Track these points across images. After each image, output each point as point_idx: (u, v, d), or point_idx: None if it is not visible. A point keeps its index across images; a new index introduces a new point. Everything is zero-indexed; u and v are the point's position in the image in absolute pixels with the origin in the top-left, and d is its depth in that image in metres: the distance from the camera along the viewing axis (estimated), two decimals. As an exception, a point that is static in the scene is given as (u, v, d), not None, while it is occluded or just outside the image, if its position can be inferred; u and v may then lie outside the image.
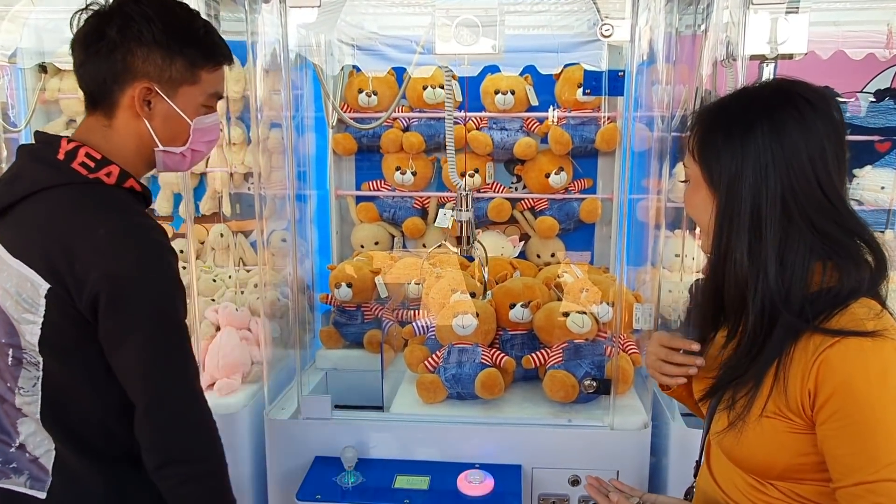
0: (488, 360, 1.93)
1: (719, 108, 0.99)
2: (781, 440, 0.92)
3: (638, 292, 2.09)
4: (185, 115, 1.11)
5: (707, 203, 0.98)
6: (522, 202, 2.50)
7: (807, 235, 0.91)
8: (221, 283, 2.22)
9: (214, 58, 1.13)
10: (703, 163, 0.97)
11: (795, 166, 0.91)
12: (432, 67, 2.31)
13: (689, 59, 1.87)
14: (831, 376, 0.86)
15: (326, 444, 1.80)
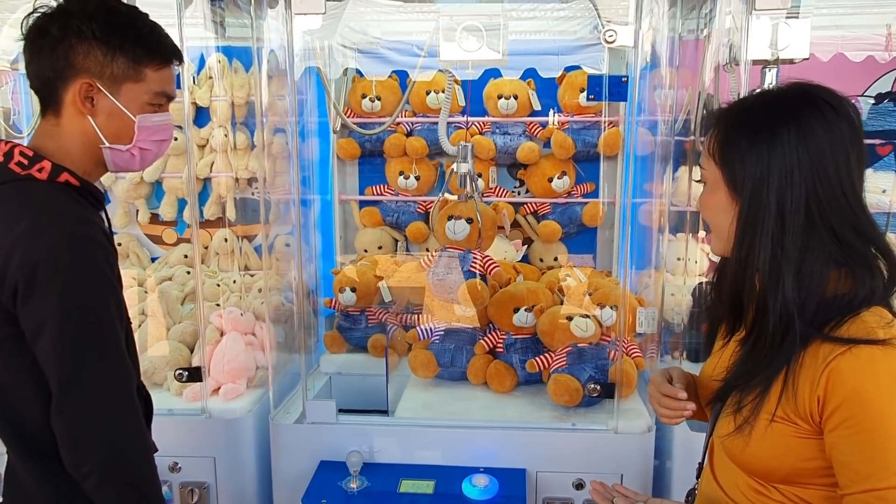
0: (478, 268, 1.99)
1: (742, 110, 0.97)
2: (788, 444, 0.92)
3: (641, 296, 2.10)
4: (129, 112, 1.10)
5: (726, 206, 0.96)
6: (525, 206, 2.51)
7: (827, 242, 0.90)
8: (226, 287, 2.23)
9: (159, 56, 1.12)
10: (724, 165, 0.95)
11: (821, 171, 0.90)
12: (433, 71, 2.32)
13: (692, 63, 1.88)
14: (841, 385, 0.86)
15: (331, 448, 1.81)
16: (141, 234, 2.51)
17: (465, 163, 1.91)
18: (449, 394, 2.05)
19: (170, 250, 2.48)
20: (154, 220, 2.48)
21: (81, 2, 1.08)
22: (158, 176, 2.40)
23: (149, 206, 2.47)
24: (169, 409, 1.88)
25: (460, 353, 2.09)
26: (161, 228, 2.49)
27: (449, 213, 1.99)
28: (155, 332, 2.09)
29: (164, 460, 1.84)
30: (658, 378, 1.13)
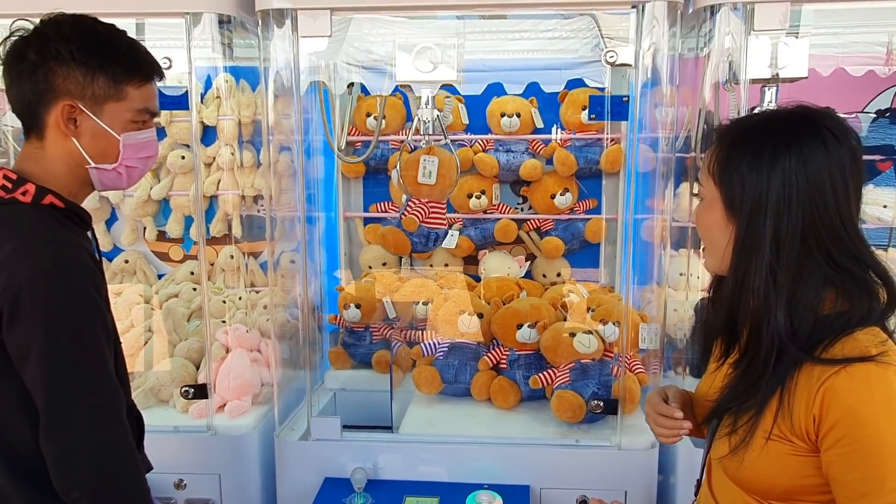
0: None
1: (745, 130, 0.98)
2: (785, 463, 0.93)
3: (643, 312, 2.11)
4: (113, 131, 1.10)
5: (720, 224, 0.97)
6: (528, 223, 2.52)
7: (823, 267, 0.91)
8: (232, 304, 2.24)
9: (139, 73, 1.12)
10: (724, 185, 0.96)
11: (818, 198, 0.91)
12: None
13: (692, 81, 1.90)
14: (837, 404, 0.87)
15: (336, 465, 1.81)
16: (148, 251, 2.54)
17: (427, 109, 1.87)
18: (453, 410, 2.06)
19: (176, 267, 2.50)
20: (161, 237, 2.50)
21: (57, 23, 1.08)
22: (166, 194, 2.42)
23: (156, 223, 2.50)
24: (175, 426, 1.89)
25: (464, 369, 2.10)
26: (168, 245, 2.52)
27: (424, 153, 1.94)
28: (161, 349, 2.11)
29: (169, 477, 1.85)
30: (654, 397, 1.14)
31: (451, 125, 2.42)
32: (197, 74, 1.72)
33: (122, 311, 2.24)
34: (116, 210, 2.50)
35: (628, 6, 1.64)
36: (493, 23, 2.10)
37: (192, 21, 1.69)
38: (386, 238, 1.91)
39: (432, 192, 1.96)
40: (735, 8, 1.66)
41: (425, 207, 1.94)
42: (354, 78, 2.29)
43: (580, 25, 2.05)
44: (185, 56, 1.69)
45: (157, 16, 1.71)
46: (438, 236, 1.98)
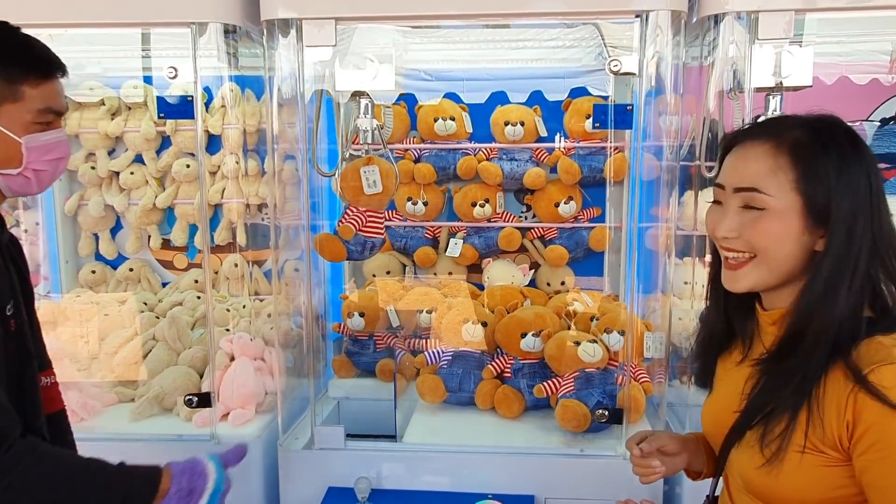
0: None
1: (818, 132, 0.92)
2: (818, 475, 0.90)
3: (648, 321, 2.10)
4: (13, 134, 1.06)
5: (794, 237, 0.92)
6: (532, 231, 2.52)
7: (877, 274, 0.91)
8: (235, 312, 2.25)
9: (36, 71, 1.07)
10: (811, 197, 0.90)
11: (881, 206, 0.91)
12: (440, 95, 2.36)
13: (696, 90, 1.90)
14: (869, 407, 0.85)
15: (340, 474, 1.80)
16: (152, 259, 2.54)
17: (366, 118, 1.87)
18: (457, 419, 2.05)
19: (180, 275, 2.51)
20: (165, 245, 2.51)
21: None
22: (170, 202, 2.43)
23: (160, 231, 2.50)
24: (178, 434, 1.89)
25: (468, 377, 2.09)
26: (172, 254, 2.52)
27: (364, 163, 1.94)
28: (165, 358, 2.11)
29: (172, 486, 1.84)
30: (629, 440, 1.18)
31: (456, 134, 2.43)
32: (202, 83, 1.73)
33: (126, 319, 2.24)
34: (121, 218, 2.51)
35: (632, 15, 1.64)
36: (496, 32, 2.11)
37: (198, 31, 1.70)
38: (322, 245, 1.93)
39: (371, 201, 1.96)
40: (739, 17, 1.66)
41: (363, 216, 1.96)
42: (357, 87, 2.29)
43: (583, 34, 2.06)
44: (190, 65, 1.70)
45: (162, 25, 1.73)
46: (375, 244, 2.00)
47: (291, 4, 1.64)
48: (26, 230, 2.41)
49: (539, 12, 1.67)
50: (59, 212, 2.45)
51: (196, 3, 1.67)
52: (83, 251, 2.50)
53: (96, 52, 2.32)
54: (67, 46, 2.19)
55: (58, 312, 2.25)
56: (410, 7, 1.65)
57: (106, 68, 2.38)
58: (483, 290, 2.40)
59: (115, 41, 2.15)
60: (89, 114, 2.40)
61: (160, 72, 2.31)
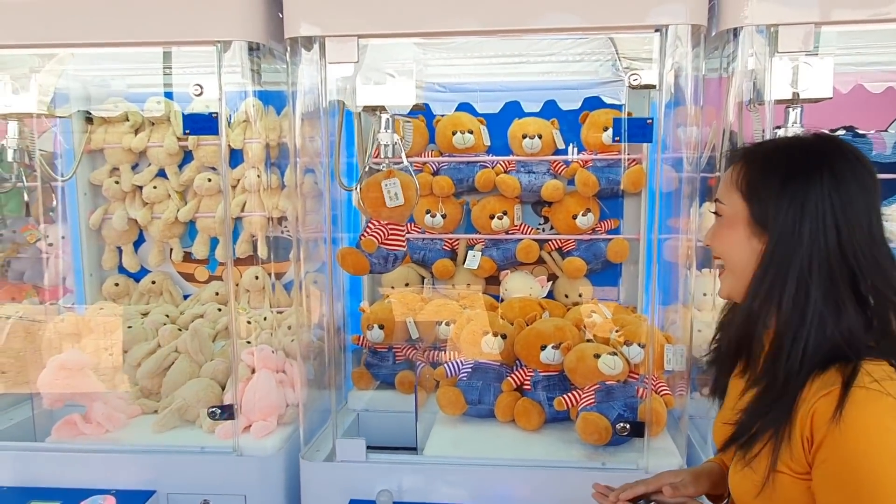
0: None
1: (775, 150, 1.00)
2: (791, 497, 0.92)
3: (668, 332, 2.09)
4: None
5: (743, 243, 0.98)
6: (550, 243, 2.53)
7: (849, 287, 0.92)
8: (256, 325, 2.27)
9: None
10: (753, 202, 0.96)
11: (851, 219, 0.92)
12: (454, 106, 2.39)
13: (715, 101, 1.90)
14: (822, 425, 0.87)
15: (361, 486, 1.80)
16: (174, 271, 2.57)
17: (387, 133, 1.89)
18: (477, 431, 2.05)
19: (201, 288, 2.53)
20: (187, 258, 2.54)
21: None
22: (192, 216, 2.47)
23: (182, 244, 2.54)
24: (201, 446, 1.90)
25: (487, 390, 2.09)
26: (193, 266, 2.55)
27: (385, 177, 1.95)
28: (188, 370, 2.13)
29: (194, 498, 1.85)
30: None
31: (474, 147, 2.44)
32: (227, 99, 1.76)
33: (149, 332, 2.27)
34: (144, 232, 2.55)
35: (651, 29, 1.65)
36: (509, 43, 2.13)
37: (223, 49, 1.73)
38: (345, 258, 1.95)
39: (393, 215, 1.98)
40: (759, 30, 1.67)
41: (385, 229, 1.98)
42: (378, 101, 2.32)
43: (596, 46, 2.07)
44: (215, 81, 1.73)
45: (189, 44, 1.76)
46: (397, 257, 2.02)
47: (315, 22, 1.67)
48: (51, 244, 2.45)
49: (558, 27, 1.68)
50: (83, 225, 2.50)
51: (222, 23, 1.71)
52: (107, 264, 2.54)
53: (120, 70, 2.38)
54: (90, 64, 2.26)
55: (82, 324, 2.28)
56: (431, 24, 1.67)
57: (129, 85, 2.44)
58: (501, 302, 2.41)
59: (138, 58, 2.19)
60: (114, 129, 2.44)
61: (182, 88, 2.37)
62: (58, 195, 2.41)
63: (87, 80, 2.36)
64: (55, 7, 1.74)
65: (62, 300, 2.46)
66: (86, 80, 2.36)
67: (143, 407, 2.13)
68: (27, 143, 2.10)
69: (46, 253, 2.45)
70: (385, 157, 1.89)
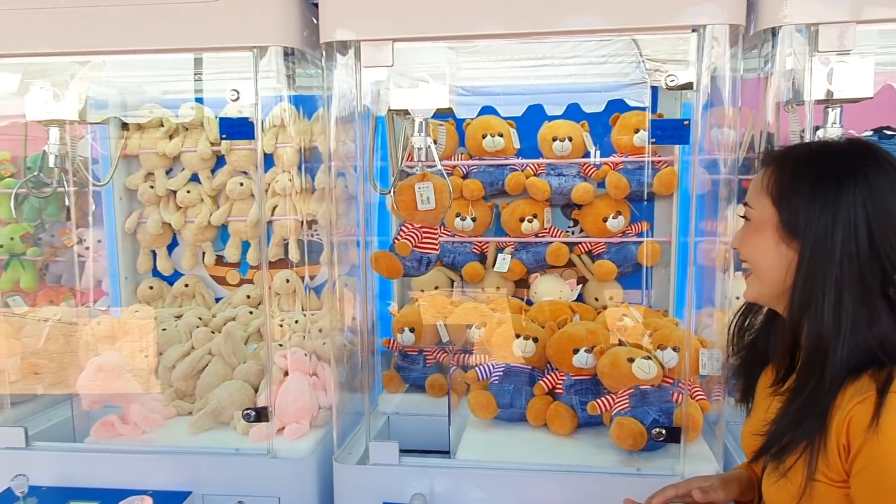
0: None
1: (808, 154, 0.98)
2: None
3: (702, 336, 2.06)
4: None
5: (771, 248, 0.97)
6: (579, 246, 2.51)
7: (881, 292, 0.91)
8: (287, 328, 2.28)
9: None
10: (783, 208, 0.96)
11: (885, 225, 0.91)
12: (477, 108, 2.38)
13: (752, 102, 1.88)
14: (859, 433, 0.86)
15: (394, 490, 1.81)
16: (206, 275, 2.61)
17: (420, 136, 1.89)
18: (509, 435, 2.04)
19: (233, 291, 2.56)
20: (219, 261, 2.57)
21: None
22: (224, 219, 2.50)
23: (214, 248, 2.57)
24: (236, 448, 1.92)
25: (519, 394, 2.08)
26: (225, 270, 2.58)
27: (418, 180, 1.96)
28: (221, 372, 2.15)
29: (229, 499, 1.87)
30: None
31: (504, 150, 2.44)
32: (263, 104, 1.78)
33: (183, 334, 2.30)
34: (178, 235, 2.58)
35: (688, 29, 1.64)
36: (532, 46, 2.12)
37: (259, 54, 1.75)
38: (379, 261, 1.95)
39: (426, 218, 1.98)
40: (798, 29, 1.64)
41: (418, 232, 1.99)
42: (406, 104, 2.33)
43: (619, 48, 2.06)
44: (252, 86, 1.75)
45: (226, 50, 1.78)
46: (430, 260, 2.02)
47: (350, 27, 1.68)
48: (88, 247, 2.50)
49: (593, 29, 1.68)
50: (119, 229, 2.54)
51: (259, 29, 1.73)
52: (141, 267, 2.58)
53: (155, 76, 2.42)
54: (125, 71, 2.30)
55: (117, 327, 2.32)
56: (466, 27, 1.67)
57: (164, 91, 2.48)
58: (531, 305, 2.40)
59: (172, 65, 2.23)
60: (148, 135, 2.48)
61: (214, 94, 2.40)
62: (95, 200, 2.45)
63: (123, 86, 2.41)
64: (95, 15, 1.77)
65: (98, 303, 2.50)
66: (122, 86, 2.41)
67: (177, 409, 2.15)
68: (67, 149, 2.14)
69: (83, 256, 2.49)
70: (418, 161, 1.90)
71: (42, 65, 2.04)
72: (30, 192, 2.31)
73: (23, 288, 2.49)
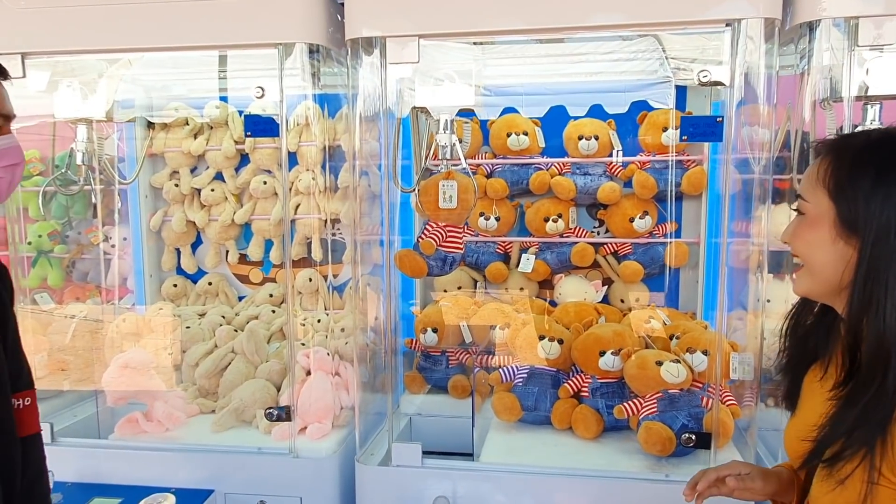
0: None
1: (866, 145, 0.93)
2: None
3: (733, 340, 2.01)
4: None
5: (827, 245, 0.92)
6: (605, 247, 2.47)
7: None
8: (310, 327, 2.27)
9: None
10: (840, 202, 0.91)
11: None
12: (499, 109, 2.35)
13: (785, 99, 1.83)
14: None
15: (416, 491, 1.79)
16: (229, 273, 2.61)
17: (445, 133, 1.87)
18: (533, 438, 2.01)
19: (256, 290, 2.56)
20: (242, 260, 2.58)
21: None
22: (248, 218, 2.50)
23: (238, 246, 2.57)
24: (258, 447, 1.91)
25: (544, 396, 2.05)
26: (248, 268, 2.59)
27: (444, 178, 1.94)
28: (244, 371, 2.15)
29: (251, 498, 1.87)
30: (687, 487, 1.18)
31: (529, 148, 2.41)
32: (287, 102, 1.77)
33: (206, 332, 2.30)
34: (202, 234, 2.59)
35: (722, 24, 1.59)
36: (554, 46, 2.09)
37: (285, 52, 1.74)
38: (403, 261, 1.93)
39: (451, 216, 1.96)
40: (836, 23, 1.59)
41: (442, 231, 1.96)
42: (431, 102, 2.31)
43: (642, 47, 2.01)
44: (277, 84, 1.74)
45: (252, 47, 1.78)
46: (455, 260, 1.99)
47: (376, 23, 1.67)
48: (114, 245, 2.52)
49: (622, 24, 1.64)
50: (144, 227, 2.56)
51: (284, 25, 1.72)
52: (166, 265, 2.59)
53: (180, 75, 2.42)
54: (152, 69, 2.31)
55: (142, 324, 2.34)
56: (491, 23, 1.65)
57: (190, 89, 2.49)
58: (555, 306, 2.36)
59: (197, 63, 2.24)
60: (174, 134, 2.49)
61: (238, 92, 2.40)
62: (121, 198, 2.47)
63: (149, 85, 2.42)
64: (121, 13, 1.78)
65: (123, 300, 2.52)
66: (148, 85, 2.42)
67: (201, 406, 2.16)
68: (94, 147, 2.16)
69: (109, 254, 2.51)
70: (443, 159, 1.88)
71: (70, 63, 2.06)
72: (57, 190, 2.34)
73: (50, 285, 2.52)
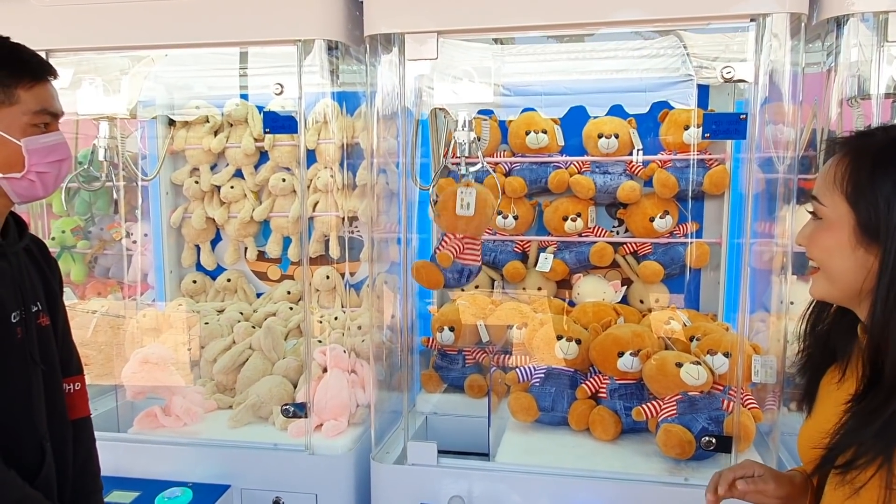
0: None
1: (886, 145, 0.89)
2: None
3: (755, 342, 1.97)
4: (12, 138, 1.08)
5: (846, 251, 0.88)
6: (624, 246, 2.44)
7: None
8: (327, 324, 2.28)
9: (27, 74, 1.09)
10: (861, 209, 0.87)
11: None
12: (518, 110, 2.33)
13: (810, 97, 1.79)
14: None
15: (431, 490, 1.78)
16: (248, 270, 2.62)
17: (464, 131, 1.84)
18: (550, 439, 1.99)
19: (274, 287, 2.57)
20: (260, 257, 2.59)
21: None
22: (266, 215, 2.51)
23: (256, 243, 2.59)
24: (274, 443, 1.92)
25: (561, 397, 2.03)
26: (267, 265, 2.60)
27: (463, 185, 1.91)
28: (261, 367, 2.16)
29: (267, 495, 1.87)
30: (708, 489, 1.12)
31: (548, 147, 2.39)
32: (306, 100, 1.77)
33: (224, 328, 2.31)
34: (221, 231, 2.61)
35: (746, 19, 1.56)
36: (573, 46, 2.07)
37: (304, 48, 1.74)
38: (420, 272, 1.91)
39: (468, 227, 1.93)
40: (864, 18, 1.55)
41: (460, 243, 1.94)
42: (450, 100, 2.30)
43: (663, 45, 1.98)
44: (296, 82, 1.74)
45: (271, 44, 1.78)
46: (472, 272, 1.97)
47: (394, 19, 1.66)
48: (135, 241, 2.54)
49: (645, 19, 1.61)
50: (164, 224, 2.58)
51: (302, 21, 1.72)
52: (186, 262, 2.62)
53: (201, 72, 2.44)
54: (173, 66, 2.33)
55: (161, 320, 2.36)
56: (511, 19, 1.63)
57: (210, 87, 2.50)
58: (573, 306, 2.34)
59: (217, 61, 2.25)
60: (194, 131, 2.51)
61: (258, 90, 2.42)
62: (142, 194, 2.49)
63: (170, 82, 2.44)
64: (142, 10, 1.79)
65: (144, 296, 2.55)
66: (169, 82, 2.44)
67: (218, 402, 2.17)
68: (116, 144, 2.18)
69: (130, 250, 2.54)
70: (462, 156, 1.86)
71: (93, 61, 2.08)
72: (80, 186, 2.37)
73: (72, 280, 2.56)
